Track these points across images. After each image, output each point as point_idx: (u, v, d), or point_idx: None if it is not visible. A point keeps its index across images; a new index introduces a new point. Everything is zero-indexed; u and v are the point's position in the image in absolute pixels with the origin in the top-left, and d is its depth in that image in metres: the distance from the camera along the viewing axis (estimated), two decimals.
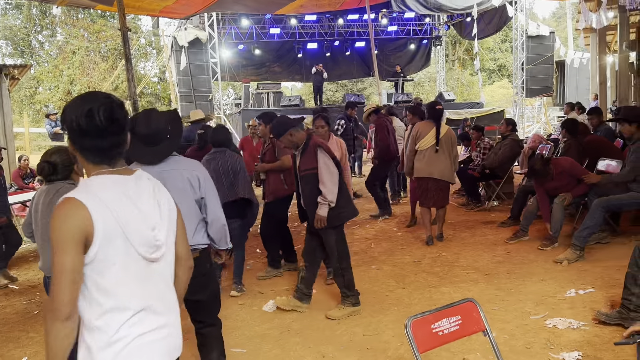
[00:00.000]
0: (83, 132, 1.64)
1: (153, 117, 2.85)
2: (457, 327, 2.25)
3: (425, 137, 6.01)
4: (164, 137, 2.85)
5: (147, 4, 9.39)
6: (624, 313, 3.59)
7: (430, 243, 6.14)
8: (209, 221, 2.99)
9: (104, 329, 1.61)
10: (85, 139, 1.66)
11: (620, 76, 11.58)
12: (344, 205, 4.21)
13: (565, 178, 5.59)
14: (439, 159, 6.02)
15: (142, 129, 2.81)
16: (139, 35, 24.06)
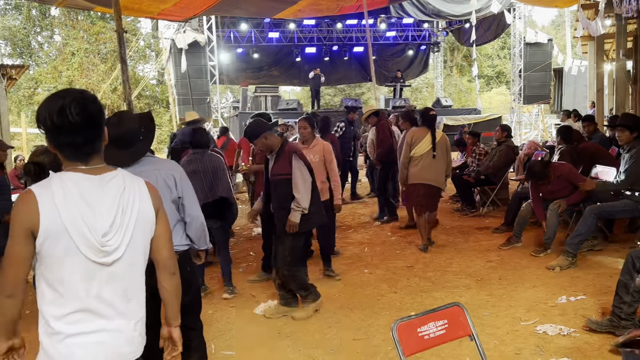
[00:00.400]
0: (56, 128, 1.66)
1: (124, 119, 2.84)
2: (443, 331, 2.25)
3: (420, 144, 5.97)
4: (136, 139, 2.83)
5: (145, 6, 9.38)
6: (614, 321, 3.59)
7: (425, 251, 6.09)
8: (187, 221, 2.97)
9: (46, 318, 1.68)
10: (59, 136, 1.68)
11: (617, 84, 11.60)
12: (314, 212, 4.25)
13: (562, 183, 5.60)
14: (434, 165, 6.00)
15: (114, 131, 2.78)
16: (138, 37, 24.09)
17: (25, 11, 25.81)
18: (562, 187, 5.61)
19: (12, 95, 23.62)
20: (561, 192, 5.62)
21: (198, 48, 16.70)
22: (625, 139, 5.20)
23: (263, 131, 4.13)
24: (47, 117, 1.66)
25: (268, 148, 4.21)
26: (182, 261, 2.92)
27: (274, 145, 4.19)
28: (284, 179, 4.14)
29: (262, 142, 4.16)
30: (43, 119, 1.67)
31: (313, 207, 4.21)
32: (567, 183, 5.60)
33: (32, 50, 26.90)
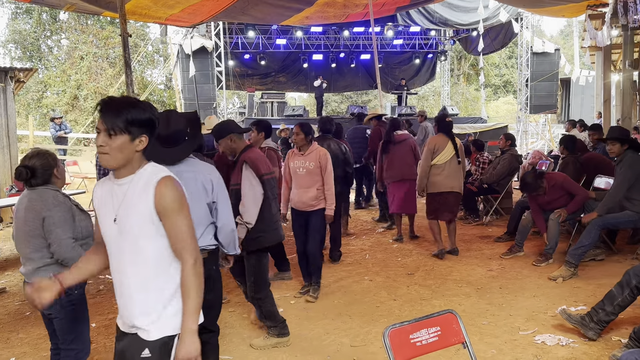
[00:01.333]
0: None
1: (172, 118, 2.88)
2: (436, 338, 2.25)
3: (443, 151, 5.91)
4: (181, 139, 2.87)
5: (153, 11, 9.47)
6: (585, 321, 3.72)
7: (442, 257, 6.03)
8: (219, 226, 3.00)
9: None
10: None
11: (624, 94, 11.55)
12: (263, 230, 3.82)
13: (558, 192, 5.58)
14: (459, 172, 6.01)
15: (161, 130, 2.82)
16: (147, 42, 24.25)
17: (36, 15, 26.04)
18: (558, 196, 5.60)
19: (21, 98, 23.82)
20: (558, 201, 5.60)
21: (205, 54, 16.78)
22: (615, 152, 5.22)
23: (229, 132, 3.77)
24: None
25: (232, 151, 3.85)
26: (209, 259, 2.94)
27: (237, 149, 3.83)
28: (237, 189, 3.79)
29: (227, 144, 3.80)
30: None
31: (262, 224, 3.79)
32: (563, 192, 5.59)
33: (42, 53, 27.12)
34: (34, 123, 17.69)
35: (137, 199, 1.95)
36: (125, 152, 1.95)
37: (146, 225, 1.95)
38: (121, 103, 1.96)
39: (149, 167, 2.02)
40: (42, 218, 2.82)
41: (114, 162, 1.95)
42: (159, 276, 1.98)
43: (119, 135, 1.93)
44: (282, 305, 4.76)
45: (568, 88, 20.95)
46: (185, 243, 1.96)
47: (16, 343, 4.24)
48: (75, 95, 24.67)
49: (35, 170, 2.90)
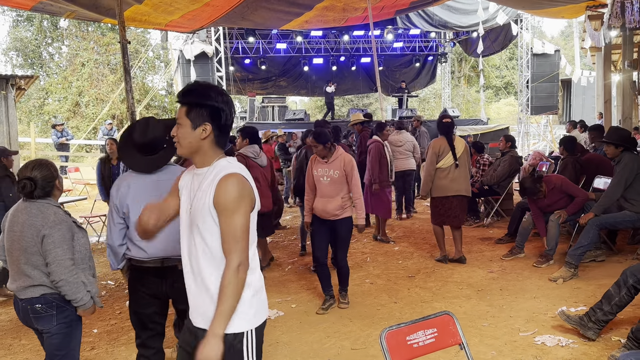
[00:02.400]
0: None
1: (150, 125, 2.87)
2: (432, 339, 2.26)
3: (448, 154, 5.77)
4: (160, 146, 2.86)
5: (153, 18, 9.50)
6: (584, 321, 3.74)
7: (445, 262, 5.96)
8: None
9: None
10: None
11: (624, 95, 11.55)
12: None
13: (557, 194, 5.59)
14: (462, 175, 5.82)
15: (139, 138, 2.84)
16: (147, 48, 24.33)
17: (37, 23, 26.15)
18: (558, 198, 5.61)
19: (22, 106, 23.91)
20: (558, 203, 5.61)
21: (206, 59, 16.83)
22: (611, 153, 5.24)
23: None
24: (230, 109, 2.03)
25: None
26: None
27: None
28: None
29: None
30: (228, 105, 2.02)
31: None
32: (563, 194, 5.60)
33: (43, 61, 27.22)
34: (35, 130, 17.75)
35: (205, 191, 1.94)
36: (188, 139, 1.97)
37: (208, 218, 1.93)
38: (186, 89, 2.01)
39: (222, 162, 2.00)
40: (42, 236, 2.72)
41: (181, 149, 2.01)
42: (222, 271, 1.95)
43: (183, 123, 1.97)
44: (282, 309, 4.78)
45: (569, 89, 20.93)
46: (235, 243, 1.90)
47: (18, 350, 4.26)
48: (76, 102, 24.73)
49: (37, 182, 2.78)
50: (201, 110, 1.95)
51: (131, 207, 2.83)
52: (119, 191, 2.87)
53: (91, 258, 2.98)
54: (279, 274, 5.96)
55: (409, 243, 7.10)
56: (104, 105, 22.41)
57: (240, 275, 1.91)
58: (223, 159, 2.01)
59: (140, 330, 3.00)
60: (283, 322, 4.49)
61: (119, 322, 4.71)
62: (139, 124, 2.90)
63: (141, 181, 2.87)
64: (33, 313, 2.78)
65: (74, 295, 2.77)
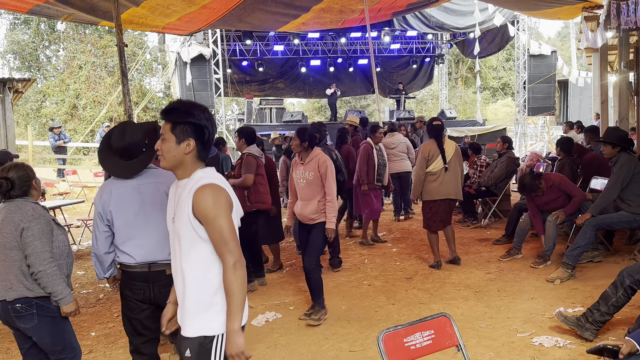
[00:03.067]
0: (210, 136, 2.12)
1: (128, 129, 2.84)
2: (429, 341, 2.26)
3: (438, 158, 5.69)
4: (139, 151, 2.82)
5: (150, 20, 9.50)
6: (581, 322, 3.75)
7: (438, 268, 5.84)
8: None
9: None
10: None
11: (621, 96, 11.59)
12: None
13: (555, 192, 5.61)
14: (452, 178, 5.75)
15: (117, 142, 2.81)
16: (145, 50, 24.33)
17: (34, 25, 26.16)
18: (556, 197, 5.62)
19: (20, 108, 23.88)
20: (556, 202, 5.62)
21: (203, 61, 16.84)
22: (608, 153, 5.24)
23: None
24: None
25: None
26: None
27: None
28: None
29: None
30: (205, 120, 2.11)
31: None
32: (561, 193, 5.61)
33: (41, 63, 27.22)
34: (33, 133, 17.75)
35: (184, 203, 2.05)
36: (172, 153, 2.07)
37: (188, 228, 2.04)
38: (170, 107, 2.12)
39: (199, 173, 2.10)
40: (20, 230, 2.78)
41: (165, 163, 2.11)
42: (200, 277, 2.05)
43: (167, 138, 2.07)
44: (280, 311, 4.78)
45: (566, 90, 20.98)
46: (225, 245, 2.01)
47: (16, 353, 4.24)
48: (74, 105, 24.74)
49: (13, 181, 2.86)
50: (185, 126, 2.06)
51: (114, 214, 2.79)
52: (102, 198, 2.83)
53: (70, 256, 3.00)
54: (277, 276, 5.96)
55: (406, 245, 7.11)
56: (101, 107, 22.40)
57: (239, 272, 2.01)
58: (199, 170, 2.10)
59: (132, 336, 2.95)
60: (281, 325, 4.49)
61: (117, 325, 4.70)
62: (116, 129, 2.87)
63: (122, 187, 2.82)
64: (14, 312, 2.83)
65: (53, 287, 2.80)
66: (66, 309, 2.87)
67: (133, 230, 2.80)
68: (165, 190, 2.83)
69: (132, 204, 2.79)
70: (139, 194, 2.82)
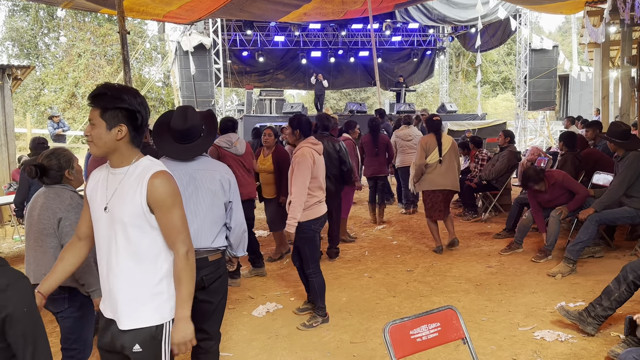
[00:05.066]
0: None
1: (189, 113, 2.82)
2: (436, 334, 2.25)
3: (434, 151, 6.04)
4: (197, 135, 2.83)
5: (150, 8, 9.44)
6: (583, 316, 3.76)
7: (440, 252, 6.17)
8: (232, 226, 2.95)
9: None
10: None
11: (622, 91, 11.57)
12: None
13: (558, 190, 5.59)
14: (448, 170, 6.06)
15: (177, 125, 2.78)
16: (144, 39, 24.20)
17: (33, 12, 25.97)
18: (559, 194, 5.60)
19: (18, 96, 23.77)
20: (559, 199, 5.61)
21: (203, 51, 16.75)
22: (614, 148, 5.23)
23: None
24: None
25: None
26: (222, 259, 2.91)
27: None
28: None
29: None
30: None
31: None
32: (564, 190, 5.59)
33: (39, 51, 27.06)
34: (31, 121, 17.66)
35: (131, 190, 1.98)
36: (104, 139, 1.98)
37: (138, 216, 1.98)
38: (97, 92, 1.98)
39: (144, 161, 2.05)
40: (58, 219, 2.79)
41: (96, 149, 2.00)
42: (146, 266, 2.02)
43: (97, 124, 1.98)
44: (281, 302, 4.77)
45: (566, 85, 20.96)
46: (179, 234, 2.02)
47: None
48: (73, 93, 24.64)
49: (45, 169, 2.87)
50: (116, 112, 1.97)
51: None
52: None
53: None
54: (277, 267, 5.95)
55: (407, 237, 7.10)
56: None
57: (190, 261, 2.04)
58: (144, 158, 2.06)
59: None
60: (282, 315, 4.48)
61: None
62: (178, 111, 2.85)
63: (177, 170, 2.75)
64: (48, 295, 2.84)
65: (87, 279, 2.81)
66: (98, 301, 2.78)
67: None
68: (220, 178, 2.85)
69: (186, 188, 2.76)
70: (194, 179, 2.80)
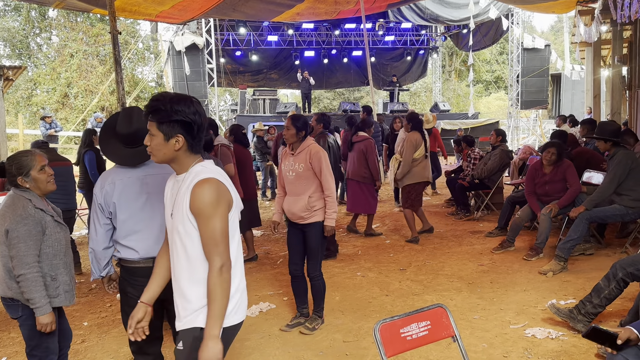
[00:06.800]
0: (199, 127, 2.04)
1: (135, 115, 2.68)
2: (426, 332, 2.26)
3: (421, 147, 6.69)
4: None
5: (143, 8, 9.40)
6: (573, 313, 3.79)
7: (416, 242, 6.67)
8: None
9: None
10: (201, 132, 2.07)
11: (613, 90, 11.65)
12: None
13: (559, 175, 5.65)
14: (429, 164, 6.86)
15: (123, 128, 2.64)
16: (137, 39, 24.12)
17: (24, 12, 25.84)
18: (558, 179, 5.68)
19: (10, 97, 23.63)
20: (556, 184, 5.68)
21: (196, 51, 16.74)
22: (603, 148, 5.29)
23: None
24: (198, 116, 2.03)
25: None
26: None
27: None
28: None
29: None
30: (186, 114, 1.99)
31: None
32: (562, 177, 5.63)
33: (31, 51, 26.92)
34: (23, 122, 17.57)
35: (182, 197, 2.00)
36: (163, 151, 2.02)
37: (186, 223, 1.99)
38: (153, 107, 2.01)
39: (197, 167, 2.04)
40: (5, 230, 2.68)
41: (156, 159, 2.07)
42: (198, 274, 2.01)
43: (155, 134, 2.02)
44: (274, 302, 4.78)
45: (559, 84, 21.08)
46: (215, 246, 1.95)
47: (8, 342, 4.22)
48: (65, 93, 24.52)
49: (4, 172, 2.77)
50: (172, 124, 1.99)
51: (118, 206, 2.62)
52: (104, 189, 2.65)
53: (68, 255, 2.90)
54: (270, 267, 5.96)
55: (400, 236, 7.12)
56: (93, 96, 22.23)
57: (224, 276, 1.95)
58: (198, 164, 2.05)
59: None
60: (275, 315, 4.49)
61: (110, 314, 4.68)
62: (122, 114, 2.71)
63: (127, 177, 2.66)
64: (3, 302, 2.84)
65: (31, 294, 2.69)
66: (41, 320, 2.73)
67: (138, 224, 2.64)
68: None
69: (138, 195, 2.64)
70: (145, 185, 2.66)
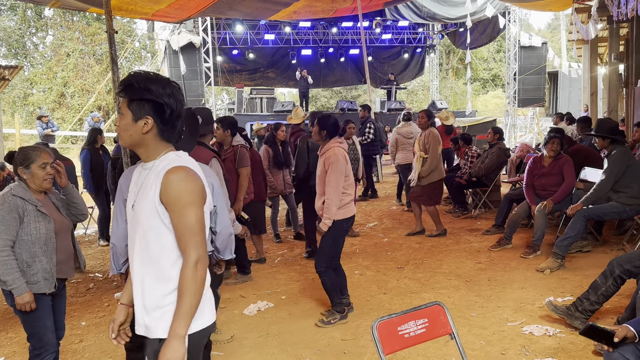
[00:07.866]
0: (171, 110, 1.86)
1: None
2: (423, 329, 2.27)
3: (440, 144, 6.81)
4: (177, 138, 2.73)
5: (139, 7, 9.38)
6: (571, 310, 3.80)
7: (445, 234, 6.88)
8: (217, 230, 2.85)
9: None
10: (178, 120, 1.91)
11: (610, 87, 11.68)
12: None
13: (557, 169, 5.67)
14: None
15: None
16: (134, 38, 24.07)
17: (20, 12, 25.74)
18: (555, 172, 5.68)
19: (6, 96, 23.56)
20: (553, 177, 5.69)
21: (193, 50, 16.72)
22: (601, 145, 5.31)
23: None
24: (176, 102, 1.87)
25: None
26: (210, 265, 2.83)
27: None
28: None
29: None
30: (159, 95, 1.82)
31: None
32: (560, 171, 5.65)
33: (27, 51, 26.84)
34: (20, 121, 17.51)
35: (150, 186, 1.80)
36: (129, 132, 1.83)
37: (153, 215, 1.78)
38: (125, 82, 1.83)
39: (170, 155, 1.87)
40: None
41: (122, 141, 1.88)
42: (162, 273, 1.80)
43: (125, 114, 1.83)
44: (272, 300, 4.78)
45: (556, 81, 21.10)
46: (190, 238, 1.76)
47: (6, 342, 4.21)
48: (61, 93, 24.45)
49: (10, 160, 2.95)
50: (142, 103, 1.81)
51: None
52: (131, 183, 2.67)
53: (49, 244, 2.95)
54: (268, 266, 5.96)
55: (397, 235, 7.12)
56: (89, 96, 22.17)
57: (199, 272, 1.76)
58: (171, 152, 1.88)
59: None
60: (273, 314, 4.49)
61: (108, 314, 4.68)
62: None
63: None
64: (3, 292, 2.92)
65: (3, 276, 2.81)
66: (19, 300, 2.83)
67: None
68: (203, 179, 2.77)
69: None
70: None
